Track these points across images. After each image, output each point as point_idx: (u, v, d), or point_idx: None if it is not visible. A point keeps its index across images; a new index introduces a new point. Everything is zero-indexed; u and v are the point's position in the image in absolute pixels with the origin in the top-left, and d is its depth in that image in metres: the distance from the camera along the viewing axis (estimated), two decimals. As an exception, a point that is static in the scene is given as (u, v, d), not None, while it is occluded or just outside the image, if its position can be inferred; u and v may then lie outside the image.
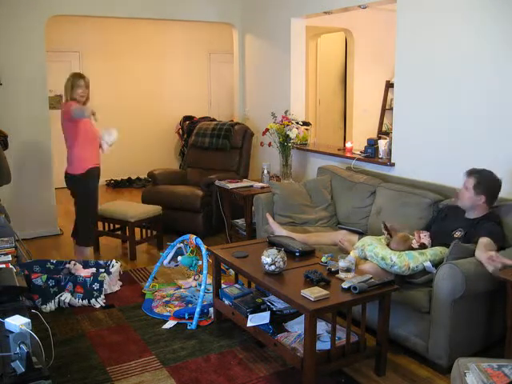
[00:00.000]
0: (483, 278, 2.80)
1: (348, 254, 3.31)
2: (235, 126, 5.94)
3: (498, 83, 3.45)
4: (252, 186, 5.11)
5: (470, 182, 3.14)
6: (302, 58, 5.70)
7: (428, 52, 3.93)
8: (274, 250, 3.00)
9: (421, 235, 3.25)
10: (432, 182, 3.89)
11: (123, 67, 8.38)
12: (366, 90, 7.23)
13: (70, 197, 4.41)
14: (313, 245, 3.57)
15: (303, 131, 5.21)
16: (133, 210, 4.91)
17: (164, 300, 3.85)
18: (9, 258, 2.86)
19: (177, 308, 3.69)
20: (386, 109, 7.32)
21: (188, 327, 3.44)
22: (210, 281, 3.74)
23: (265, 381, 2.85)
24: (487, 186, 3.13)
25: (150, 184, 5.98)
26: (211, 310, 3.56)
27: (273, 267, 2.96)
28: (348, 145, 5.06)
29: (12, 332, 1.97)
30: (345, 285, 2.75)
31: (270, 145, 5.31)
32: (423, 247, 3.18)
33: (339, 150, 5.13)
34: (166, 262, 4.05)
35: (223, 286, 3.54)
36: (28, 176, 5.35)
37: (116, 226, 5.07)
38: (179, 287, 4.08)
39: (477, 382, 1.95)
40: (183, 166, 6.53)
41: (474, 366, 2.02)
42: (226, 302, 3.33)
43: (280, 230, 3.97)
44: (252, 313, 3.03)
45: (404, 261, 3.03)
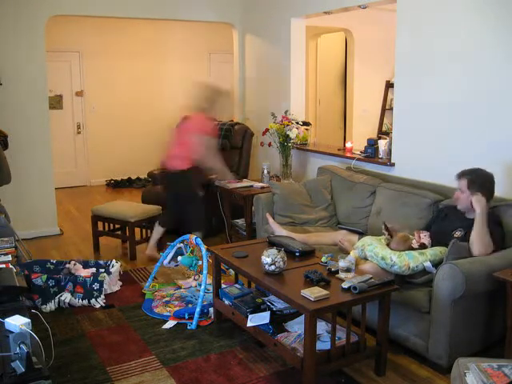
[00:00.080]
0: (483, 278, 2.80)
1: (348, 254, 3.31)
2: (235, 126, 5.93)
3: (498, 83, 3.45)
4: (252, 186, 5.12)
5: (463, 184, 3.14)
6: (302, 57, 5.69)
7: (428, 52, 3.93)
8: (273, 250, 3.00)
9: (421, 235, 3.25)
10: (432, 182, 3.89)
11: (123, 67, 8.38)
12: (365, 90, 7.22)
13: (70, 197, 4.41)
14: (313, 245, 3.57)
15: (303, 131, 5.21)
16: (133, 210, 4.92)
17: (164, 300, 3.85)
18: (9, 257, 2.87)
19: (177, 308, 3.69)
20: (385, 109, 7.31)
21: (188, 327, 3.44)
22: (209, 281, 3.73)
23: (265, 381, 2.85)
24: (481, 182, 3.11)
25: (149, 184, 5.98)
26: (211, 310, 3.56)
27: (273, 267, 2.96)
28: (348, 145, 5.06)
29: (12, 332, 1.97)
30: (345, 285, 2.75)
31: (269, 145, 5.31)
32: (423, 247, 3.18)
33: (339, 149, 5.13)
34: (166, 262, 4.05)
35: (223, 285, 3.54)
36: (28, 176, 5.35)
37: (116, 225, 5.07)
38: (179, 287, 4.08)
39: (477, 382, 1.95)
40: (183, 166, 6.51)
41: (473, 366, 2.02)
42: (226, 302, 3.33)
43: (280, 230, 3.97)
44: (252, 313, 3.03)
45: (404, 261, 3.03)
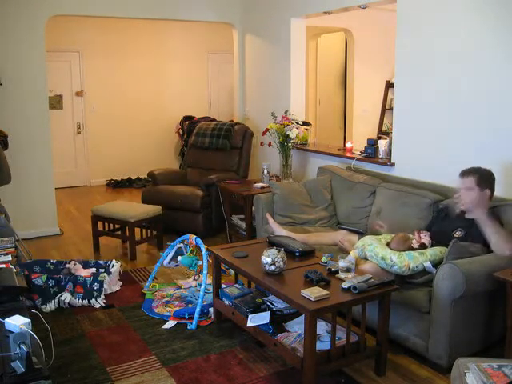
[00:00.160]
0: (483, 278, 2.80)
1: (348, 254, 3.31)
2: (235, 126, 5.94)
3: (498, 83, 3.44)
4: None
5: (471, 181, 3.10)
6: (302, 57, 5.69)
7: (428, 52, 3.92)
8: (273, 250, 3.00)
9: (421, 235, 3.25)
10: (432, 182, 3.88)
11: (123, 67, 8.38)
12: (365, 90, 7.22)
13: (70, 197, 4.42)
14: (313, 245, 3.57)
15: (303, 131, 5.21)
16: (133, 210, 4.91)
17: (164, 300, 3.85)
18: (9, 257, 2.86)
19: (177, 308, 3.69)
20: (386, 109, 7.32)
21: (188, 327, 3.44)
22: (209, 281, 3.74)
23: (265, 381, 2.85)
24: (488, 179, 3.12)
25: (149, 184, 5.98)
26: (211, 310, 3.55)
27: (273, 267, 2.96)
28: (348, 145, 5.06)
29: (12, 332, 1.97)
30: (345, 285, 2.75)
31: (269, 145, 5.31)
32: (423, 247, 3.18)
33: (339, 149, 5.13)
34: (166, 262, 4.05)
35: (223, 285, 3.54)
36: (28, 176, 5.35)
37: (116, 225, 5.06)
38: (179, 287, 4.08)
39: (477, 382, 1.95)
40: (183, 166, 6.53)
41: (473, 366, 2.02)
42: (226, 302, 3.33)
43: (280, 230, 3.97)
44: (252, 313, 3.03)
45: (404, 261, 3.03)
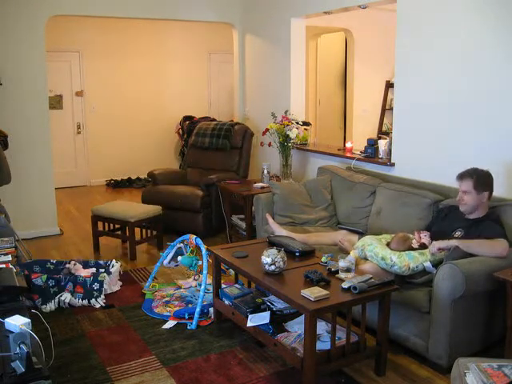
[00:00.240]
0: (483, 277, 2.80)
1: (348, 254, 3.31)
2: (235, 126, 5.94)
3: (498, 83, 3.44)
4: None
5: (468, 184, 3.10)
6: (302, 57, 5.69)
7: (428, 52, 3.92)
8: (273, 250, 3.00)
9: (421, 235, 3.25)
10: (432, 182, 3.88)
11: (123, 67, 8.38)
12: (365, 90, 7.22)
13: (70, 197, 4.42)
14: (313, 245, 3.56)
15: (303, 131, 5.21)
16: (133, 210, 4.91)
17: (164, 300, 3.85)
18: (9, 257, 2.86)
19: (177, 308, 3.69)
20: (385, 109, 7.32)
21: (188, 327, 3.44)
22: (209, 281, 3.74)
23: (265, 381, 2.85)
24: (485, 181, 3.11)
25: (150, 184, 5.98)
26: (211, 310, 3.55)
27: (273, 267, 2.96)
28: (348, 145, 5.06)
29: (12, 332, 1.97)
30: (345, 285, 2.75)
31: (269, 145, 5.31)
32: (423, 247, 3.18)
33: (339, 149, 5.13)
34: (166, 262, 4.04)
35: (223, 285, 3.54)
36: (28, 176, 5.35)
37: (116, 225, 5.06)
38: (179, 287, 4.08)
39: (477, 382, 1.95)
40: (183, 166, 6.53)
41: (473, 366, 2.02)
42: (226, 302, 3.33)
43: (280, 230, 3.97)
44: (252, 313, 3.03)
45: (404, 261, 3.03)
